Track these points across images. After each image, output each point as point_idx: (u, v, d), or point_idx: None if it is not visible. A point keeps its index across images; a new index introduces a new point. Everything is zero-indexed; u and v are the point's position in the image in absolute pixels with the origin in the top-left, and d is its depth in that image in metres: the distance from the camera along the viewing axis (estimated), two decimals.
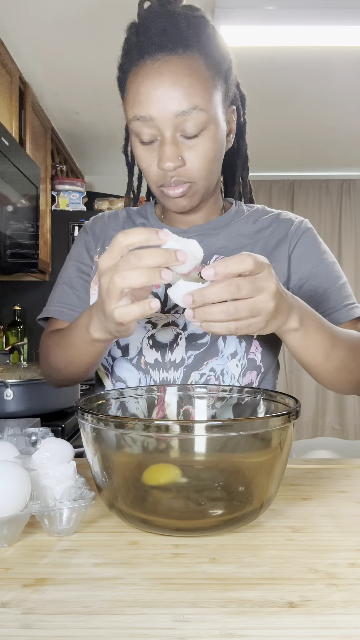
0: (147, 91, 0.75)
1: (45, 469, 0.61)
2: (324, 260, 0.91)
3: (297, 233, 0.91)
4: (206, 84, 0.76)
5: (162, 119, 0.75)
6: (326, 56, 2.36)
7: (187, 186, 0.80)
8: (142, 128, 0.77)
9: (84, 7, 1.96)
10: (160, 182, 0.81)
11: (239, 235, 0.91)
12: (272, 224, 0.92)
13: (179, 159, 0.77)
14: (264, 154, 3.79)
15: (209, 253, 0.88)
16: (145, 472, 0.57)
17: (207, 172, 0.81)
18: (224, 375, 0.85)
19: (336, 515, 0.61)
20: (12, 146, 2.01)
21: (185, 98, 0.74)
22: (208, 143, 0.78)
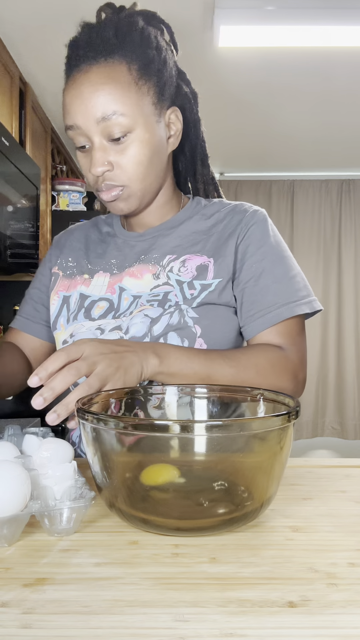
0: (71, 101, 0.80)
1: (45, 469, 0.62)
2: (271, 254, 0.87)
3: (247, 225, 0.88)
4: (128, 90, 0.79)
5: (86, 127, 0.79)
6: (326, 56, 2.36)
7: (119, 190, 0.83)
8: (74, 137, 0.82)
9: (84, 7, 1.96)
10: (95, 187, 0.84)
11: (192, 232, 0.91)
12: (227, 217, 0.91)
13: (105, 163, 0.80)
14: (264, 154, 3.79)
15: (161, 253, 0.89)
16: (143, 472, 0.57)
17: (138, 175, 0.83)
18: None
19: (336, 515, 0.61)
20: (12, 146, 2.01)
21: (104, 105, 0.78)
22: (136, 147, 0.81)
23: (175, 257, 0.89)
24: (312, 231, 4.35)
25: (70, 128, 0.81)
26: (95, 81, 0.78)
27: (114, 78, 0.78)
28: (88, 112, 0.78)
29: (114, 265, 0.92)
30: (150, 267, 0.89)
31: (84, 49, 0.80)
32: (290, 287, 0.85)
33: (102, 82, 0.78)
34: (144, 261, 0.90)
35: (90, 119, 0.78)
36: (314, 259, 4.33)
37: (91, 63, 0.79)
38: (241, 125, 3.22)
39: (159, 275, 0.88)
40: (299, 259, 4.28)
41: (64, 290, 0.94)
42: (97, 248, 0.96)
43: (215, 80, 2.59)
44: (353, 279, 4.31)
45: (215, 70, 2.49)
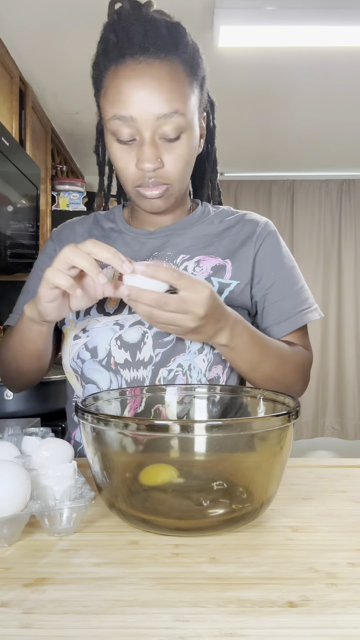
0: (129, 91, 0.76)
1: (45, 469, 0.62)
2: (284, 265, 0.93)
3: (261, 235, 0.93)
4: (185, 90, 0.79)
5: (143, 121, 0.77)
6: (326, 56, 2.36)
7: (164, 188, 0.83)
8: (121, 127, 0.78)
9: (84, 6, 1.96)
10: (137, 182, 0.82)
11: (204, 234, 0.93)
12: (238, 224, 0.94)
13: (158, 160, 0.79)
14: (264, 154, 3.79)
15: (175, 252, 0.91)
16: (142, 473, 0.57)
17: (182, 175, 0.83)
18: (191, 370, 0.85)
19: (336, 515, 0.61)
20: (12, 146, 2.01)
21: (167, 102, 0.76)
22: (185, 147, 0.81)
23: (189, 257, 0.90)
24: (312, 231, 4.34)
25: (121, 118, 0.77)
26: (160, 76, 0.76)
27: (176, 77, 0.78)
28: (149, 105, 0.76)
29: None
30: (165, 264, 0.89)
31: (140, 38, 0.77)
32: (302, 296, 0.93)
33: (168, 79, 0.76)
34: (158, 258, 0.90)
35: (150, 113, 0.76)
36: (314, 259, 4.33)
37: (150, 57, 0.77)
38: (241, 125, 3.21)
39: None
40: (299, 259, 4.28)
41: None
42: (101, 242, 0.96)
43: (215, 80, 2.58)
44: (353, 279, 4.31)
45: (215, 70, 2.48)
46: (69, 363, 0.90)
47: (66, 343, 0.91)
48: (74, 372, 0.90)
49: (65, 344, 0.92)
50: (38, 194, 2.45)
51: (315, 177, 4.31)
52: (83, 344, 0.88)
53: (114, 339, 0.86)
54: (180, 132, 0.79)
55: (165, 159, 0.80)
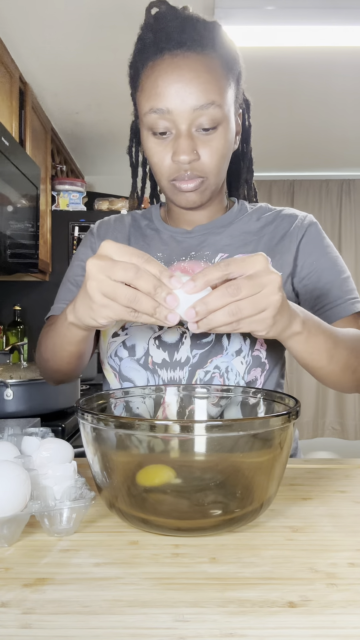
0: (166, 84, 0.77)
1: (45, 469, 0.61)
2: (328, 254, 0.91)
3: (303, 226, 0.92)
4: (222, 82, 0.79)
5: (179, 113, 0.77)
6: (326, 56, 2.36)
7: (200, 181, 0.82)
8: (157, 121, 0.79)
9: (84, 7, 1.96)
10: (173, 175, 0.82)
11: (243, 232, 0.92)
12: (276, 220, 0.93)
13: (194, 152, 0.79)
14: (264, 154, 3.79)
15: (213, 251, 0.89)
16: (139, 473, 0.57)
17: (218, 169, 0.82)
18: (229, 372, 0.85)
19: (336, 515, 0.61)
20: (12, 146, 2.01)
21: (203, 93, 0.76)
22: (221, 139, 0.80)
23: (227, 255, 0.89)
24: None
25: (157, 111, 0.78)
26: (197, 68, 0.77)
27: (213, 69, 0.78)
28: (186, 97, 0.76)
29: (161, 259, 0.91)
30: (203, 264, 0.88)
31: (178, 34, 0.78)
32: (348, 286, 0.90)
33: (204, 70, 0.77)
34: (195, 258, 0.90)
35: (187, 105, 0.76)
36: None
37: (188, 50, 0.77)
38: None
39: None
40: None
41: None
42: (139, 240, 0.95)
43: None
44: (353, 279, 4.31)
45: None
46: (106, 360, 0.90)
47: (104, 340, 0.91)
48: (112, 370, 0.90)
49: (104, 341, 0.91)
50: (38, 193, 2.45)
51: (315, 177, 4.30)
52: (121, 342, 0.88)
53: (153, 338, 0.86)
54: (217, 123, 0.79)
55: (201, 151, 0.79)
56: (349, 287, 0.90)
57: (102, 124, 3.09)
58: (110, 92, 2.58)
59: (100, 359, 0.93)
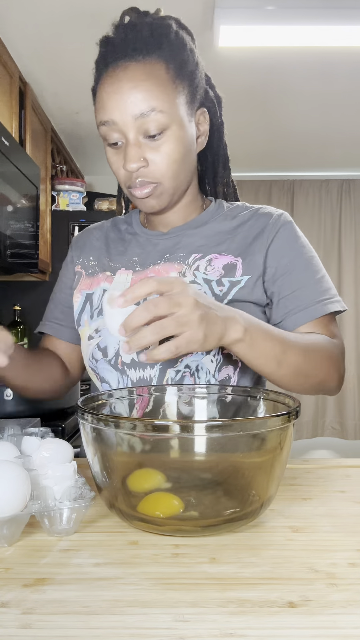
0: (108, 97, 0.79)
1: (45, 469, 0.61)
2: (302, 254, 0.90)
3: (275, 226, 0.91)
4: (165, 87, 0.80)
5: (123, 122, 0.79)
6: (326, 56, 2.36)
7: (153, 186, 0.83)
8: (108, 132, 0.81)
9: (84, 7, 1.96)
10: (128, 183, 0.84)
11: (217, 232, 0.92)
12: (252, 218, 0.93)
13: (141, 159, 0.80)
14: (264, 154, 3.79)
15: (187, 252, 0.90)
16: (129, 478, 0.57)
17: (172, 173, 0.83)
18: (199, 371, 0.85)
19: (336, 515, 0.61)
20: (12, 146, 2.01)
21: (143, 101, 0.78)
22: (171, 144, 0.81)
23: (200, 256, 0.90)
24: (312, 231, 4.34)
25: (105, 124, 0.80)
26: (135, 77, 0.78)
27: (153, 75, 0.79)
28: (126, 107, 0.78)
29: (137, 263, 0.92)
30: (176, 265, 0.89)
31: (120, 46, 0.80)
32: (322, 286, 0.89)
33: (142, 79, 0.78)
34: (169, 259, 0.90)
35: (128, 115, 0.78)
36: None
37: (129, 60, 0.79)
38: (241, 125, 3.21)
39: (185, 274, 0.88)
40: None
41: (87, 289, 0.95)
42: (117, 246, 0.97)
43: (215, 80, 2.58)
44: (353, 279, 4.31)
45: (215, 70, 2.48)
46: (87, 363, 0.93)
47: (83, 343, 0.93)
48: (92, 372, 0.92)
49: (82, 345, 0.94)
50: (38, 193, 2.45)
51: (315, 177, 4.30)
52: (96, 344, 0.89)
53: None
54: (163, 128, 0.80)
55: (150, 158, 0.81)
56: (323, 287, 0.88)
57: None
58: None
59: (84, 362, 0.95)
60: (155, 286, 0.62)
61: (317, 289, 0.88)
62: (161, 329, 0.61)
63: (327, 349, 0.82)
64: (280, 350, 0.73)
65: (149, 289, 0.62)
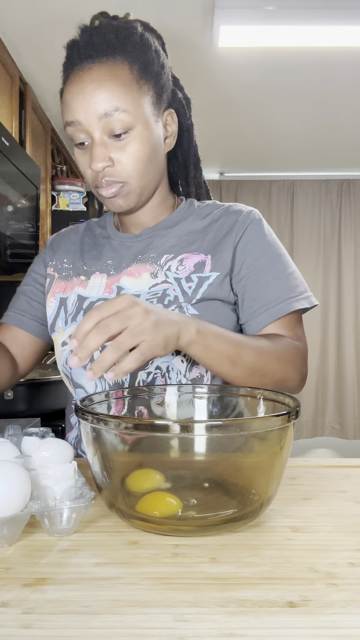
0: (72, 97, 0.80)
1: (45, 469, 0.62)
2: (268, 252, 0.89)
3: (244, 223, 0.90)
4: (129, 87, 0.80)
5: (87, 122, 0.80)
6: (326, 56, 2.36)
7: (119, 186, 0.84)
8: (74, 133, 0.82)
9: (84, 7, 1.96)
10: (94, 183, 0.85)
11: (189, 232, 0.92)
12: (222, 217, 0.93)
13: (106, 159, 0.81)
14: (264, 154, 3.79)
15: (159, 253, 0.90)
16: (129, 478, 0.57)
17: (138, 172, 0.84)
18: (170, 372, 0.85)
19: (336, 515, 0.61)
20: (12, 146, 2.01)
21: (107, 101, 0.79)
22: (136, 144, 0.82)
23: (172, 256, 0.90)
24: (312, 231, 4.35)
25: (71, 124, 0.82)
26: (98, 78, 0.79)
27: (116, 76, 0.80)
28: (90, 107, 0.79)
29: (111, 266, 0.92)
30: (148, 266, 0.90)
31: (85, 48, 0.81)
32: (288, 283, 0.88)
33: (105, 79, 0.79)
34: (141, 261, 0.90)
35: (92, 115, 0.79)
36: (314, 259, 4.33)
37: (93, 61, 0.80)
38: (241, 126, 3.22)
39: (157, 274, 0.88)
40: (299, 258, 4.28)
41: (61, 292, 0.94)
42: (91, 250, 0.97)
43: (215, 80, 2.59)
44: (353, 279, 4.31)
45: (215, 71, 2.49)
46: (61, 368, 0.93)
47: (56, 349, 0.93)
48: (66, 377, 0.93)
49: (56, 350, 0.94)
50: (38, 194, 2.45)
51: (315, 177, 4.31)
52: (70, 350, 0.88)
53: None
54: (128, 128, 0.80)
55: (116, 157, 0.82)
56: (290, 285, 0.88)
57: None
58: None
59: (58, 367, 0.95)
60: (98, 316, 0.62)
61: (282, 287, 0.87)
62: (119, 344, 0.62)
63: (284, 350, 0.83)
64: (233, 351, 0.76)
65: (93, 321, 0.62)
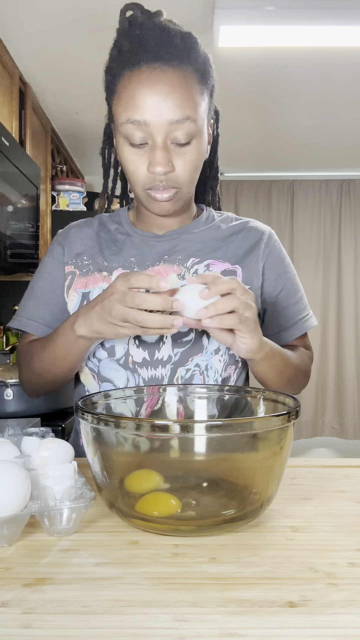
0: (143, 97, 0.79)
1: (45, 469, 0.62)
2: (287, 273, 0.98)
3: (268, 245, 0.96)
4: (197, 97, 0.81)
5: (155, 125, 0.79)
6: (326, 56, 2.36)
7: (174, 191, 0.85)
8: (134, 131, 0.80)
9: (84, 7, 1.96)
10: (148, 185, 0.84)
11: (212, 239, 0.95)
12: (243, 231, 0.97)
13: (169, 164, 0.81)
14: (264, 154, 3.79)
15: (185, 256, 0.93)
16: (127, 479, 0.57)
17: (191, 179, 0.86)
18: (208, 370, 0.89)
19: (336, 515, 0.61)
20: (12, 146, 2.01)
21: (179, 108, 0.79)
22: (195, 152, 0.83)
23: (198, 260, 0.92)
24: (312, 231, 4.34)
25: (134, 122, 0.80)
26: (173, 83, 0.79)
27: (188, 84, 0.80)
28: (162, 111, 0.78)
29: (134, 263, 0.93)
30: (175, 267, 0.91)
31: (154, 46, 0.79)
32: (302, 303, 0.99)
33: (179, 86, 0.79)
34: (168, 262, 0.92)
35: (163, 119, 0.79)
36: (314, 259, 4.33)
37: (165, 64, 0.79)
38: (241, 125, 3.21)
39: (184, 276, 0.91)
40: (299, 259, 4.28)
41: (82, 287, 0.94)
42: (110, 246, 0.97)
43: (215, 80, 2.58)
44: (353, 279, 4.31)
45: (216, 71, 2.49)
46: (85, 362, 0.92)
47: None
48: (90, 372, 0.92)
49: None
50: (38, 194, 2.45)
51: (315, 177, 4.30)
52: (99, 344, 0.89)
53: (132, 338, 0.88)
54: (191, 137, 0.81)
55: (176, 163, 0.82)
56: (303, 305, 0.99)
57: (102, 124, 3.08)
58: None
59: None
60: (230, 285, 0.70)
61: (299, 307, 0.98)
62: (239, 308, 0.70)
63: (306, 363, 0.96)
64: (283, 365, 0.85)
65: (227, 287, 0.70)
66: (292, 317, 0.97)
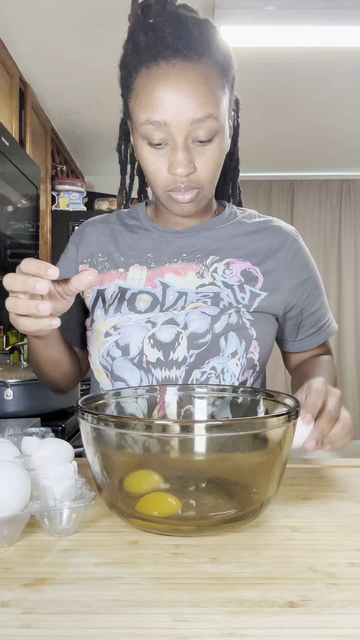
0: (163, 96, 0.75)
1: (45, 469, 0.62)
2: (313, 276, 0.96)
3: (292, 247, 0.93)
4: (218, 93, 0.77)
5: (177, 125, 0.75)
6: (326, 56, 2.36)
7: (196, 192, 0.82)
8: (153, 132, 0.77)
9: (84, 7, 1.96)
10: (169, 186, 0.81)
11: (233, 236, 0.92)
12: (267, 229, 0.94)
13: (191, 165, 0.78)
14: (264, 154, 3.79)
15: (204, 254, 0.90)
16: (126, 480, 0.57)
17: (213, 178, 0.82)
18: (224, 373, 0.86)
19: (336, 515, 0.61)
20: (12, 146, 2.01)
21: (201, 106, 0.75)
22: (217, 150, 0.80)
23: (218, 258, 0.89)
24: (312, 231, 4.35)
25: (154, 123, 0.76)
26: (194, 80, 0.75)
27: (209, 80, 0.76)
28: (183, 111, 0.75)
29: (151, 259, 0.91)
30: (194, 265, 0.89)
31: (173, 40, 0.75)
32: (325, 307, 0.99)
33: (200, 83, 0.75)
34: (187, 259, 0.90)
35: (184, 119, 0.75)
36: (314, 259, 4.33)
37: (186, 60, 0.75)
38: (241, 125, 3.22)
39: (203, 275, 0.88)
40: None
41: (97, 285, 0.92)
42: (126, 239, 0.94)
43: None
44: (353, 279, 4.31)
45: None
46: (98, 360, 0.90)
47: (96, 340, 0.91)
48: (104, 369, 0.90)
49: (95, 341, 0.91)
50: (38, 194, 2.45)
51: (315, 177, 4.31)
52: (114, 342, 0.88)
53: (147, 337, 0.86)
54: (213, 135, 0.78)
55: (198, 163, 0.79)
56: (326, 309, 0.99)
57: (102, 124, 3.09)
58: (111, 92, 2.58)
59: (91, 359, 0.93)
60: (321, 399, 0.69)
61: (323, 312, 0.98)
62: (343, 429, 0.72)
63: (334, 374, 0.97)
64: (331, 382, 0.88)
65: (321, 403, 0.69)
66: (315, 323, 0.96)
